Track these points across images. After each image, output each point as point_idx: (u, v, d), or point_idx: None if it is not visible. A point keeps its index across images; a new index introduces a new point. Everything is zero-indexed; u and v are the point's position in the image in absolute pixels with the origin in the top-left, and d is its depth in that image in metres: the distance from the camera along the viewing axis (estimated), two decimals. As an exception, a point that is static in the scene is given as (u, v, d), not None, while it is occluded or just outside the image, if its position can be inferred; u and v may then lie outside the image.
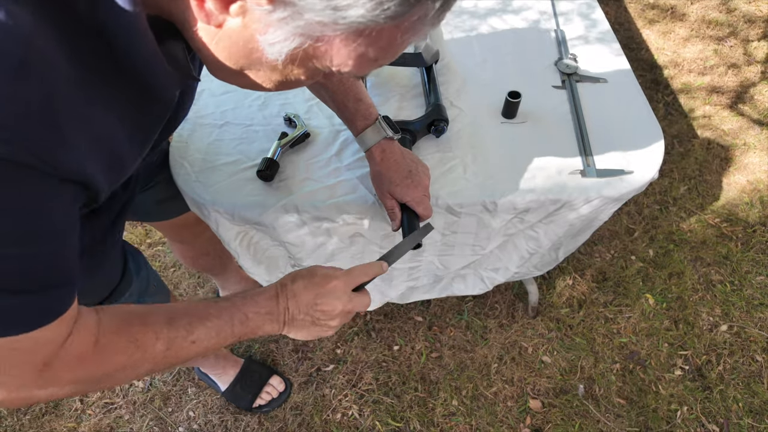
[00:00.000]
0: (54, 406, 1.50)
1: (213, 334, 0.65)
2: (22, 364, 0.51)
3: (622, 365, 1.54)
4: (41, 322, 0.50)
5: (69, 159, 0.44)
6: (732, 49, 2.44)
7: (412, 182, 0.90)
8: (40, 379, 0.53)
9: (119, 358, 0.58)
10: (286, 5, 0.39)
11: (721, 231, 1.84)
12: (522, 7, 1.40)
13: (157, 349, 0.60)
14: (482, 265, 1.22)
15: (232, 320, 0.67)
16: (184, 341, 0.62)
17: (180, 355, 0.63)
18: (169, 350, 0.61)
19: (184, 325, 0.63)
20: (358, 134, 0.94)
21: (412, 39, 0.45)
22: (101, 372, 0.58)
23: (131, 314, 0.61)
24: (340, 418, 1.47)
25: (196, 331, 0.63)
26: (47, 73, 0.41)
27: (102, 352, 0.57)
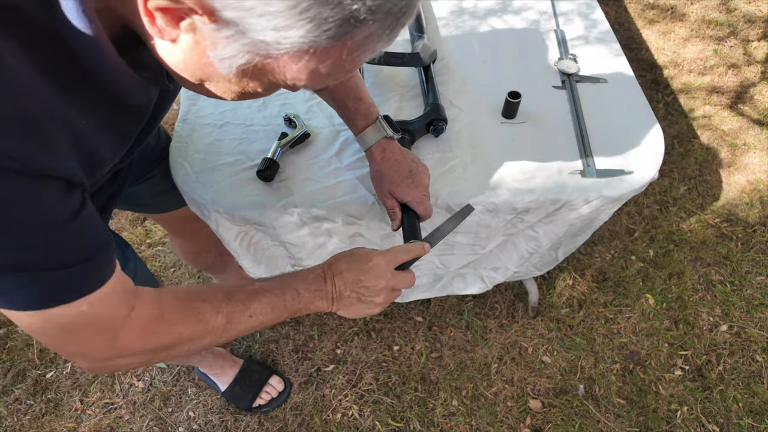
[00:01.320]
0: (54, 407, 1.50)
1: (268, 309, 0.69)
2: (93, 334, 0.57)
3: (622, 365, 1.54)
4: (89, 288, 0.55)
5: (48, 161, 0.47)
6: (732, 49, 2.44)
7: (412, 182, 0.90)
8: (114, 349, 0.59)
9: (184, 329, 0.63)
10: (229, 25, 0.40)
11: (721, 231, 1.84)
12: (522, 7, 1.40)
13: (218, 322, 0.65)
14: (482, 264, 1.22)
15: (285, 296, 0.71)
16: (242, 315, 0.67)
17: (238, 328, 0.68)
18: (228, 323, 0.66)
19: (241, 300, 0.68)
20: (358, 133, 0.94)
21: (365, 55, 0.45)
22: (168, 342, 0.63)
23: (189, 292, 0.67)
24: (340, 419, 1.47)
25: (252, 306, 0.68)
26: (19, 85, 0.44)
27: (168, 324, 0.63)
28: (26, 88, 0.44)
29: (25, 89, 0.44)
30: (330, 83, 0.50)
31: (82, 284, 0.55)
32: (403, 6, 0.41)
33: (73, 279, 0.54)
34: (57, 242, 0.51)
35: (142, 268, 1.05)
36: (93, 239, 0.56)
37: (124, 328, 0.59)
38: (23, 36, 0.43)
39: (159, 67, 0.53)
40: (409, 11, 0.43)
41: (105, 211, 0.87)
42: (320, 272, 0.75)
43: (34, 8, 0.43)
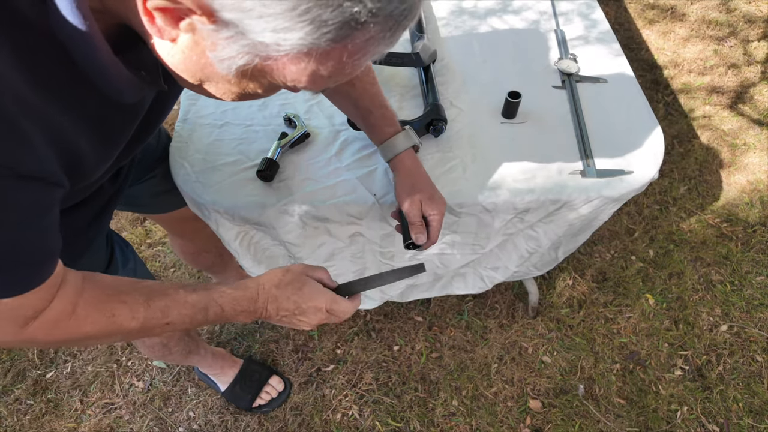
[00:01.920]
0: (54, 407, 1.50)
1: (187, 320, 0.69)
2: (3, 324, 0.56)
3: (622, 365, 1.54)
4: (20, 290, 0.54)
5: (26, 160, 0.47)
6: (732, 49, 2.44)
7: (439, 197, 0.91)
8: (17, 336, 0.59)
9: (92, 328, 0.62)
10: (228, 26, 0.40)
11: (721, 231, 1.84)
12: (522, 8, 1.40)
13: (131, 326, 0.65)
14: (482, 264, 1.22)
15: (207, 311, 0.70)
16: (159, 322, 0.67)
17: (152, 333, 0.68)
18: (141, 330, 0.66)
19: (160, 308, 0.66)
20: (384, 140, 0.93)
21: (365, 58, 0.45)
22: (73, 338, 0.63)
23: (112, 289, 0.65)
24: (340, 419, 1.47)
25: (171, 315, 0.67)
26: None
27: (77, 320, 0.61)
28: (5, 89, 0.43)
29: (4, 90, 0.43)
30: (330, 85, 0.50)
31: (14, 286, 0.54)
32: (404, 9, 0.41)
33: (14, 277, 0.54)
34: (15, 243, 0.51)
35: (142, 268, 1.05)
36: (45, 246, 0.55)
37: (35, 319, 0.58)
38: (8, 30, 0.43)
39: (156, 66, 0.53)
40: (411, 14, 0.43)
41: (105, 212, 0.87)
42: (254, 294, 0.74)
43: (25, 3, 0.43)
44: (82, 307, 0.62)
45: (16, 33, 0.43)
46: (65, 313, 0.60)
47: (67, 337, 0.62)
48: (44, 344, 0.63)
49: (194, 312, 0.69)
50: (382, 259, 1.16)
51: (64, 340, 0.63)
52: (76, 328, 0.62)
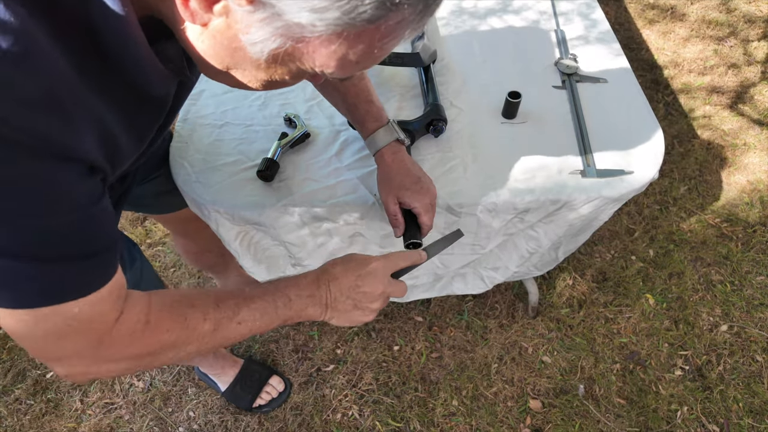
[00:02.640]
0: (54, 407, 1.50)
1: (257, 315, 0.67)
2: (79, 339, 0.54)
3: (622, 365, 1.54)
4: (90, 288, 0.53)
5: (71, 142, 0.46)
6: (732, 49, 2.44)
7: (421, 188, 0.89)
8: (96, 355, 0.56)
9: (169, 336, 0.60)
10: (265, 6, 0.40)
11: (722, 231, 1.84)
12: (522, 7, 1.40)
13: (205, 329, 0.63)
14: (482, 264, 1.22)
15: (276, 302, 0.69)
16: (230, 322, 0.65)
17: (227, 335, 0.65)
18: (215, 330, 0.64)
19: (230, 307, 0.65)
20: (368, 135, 0.93)
21: (393, 42, 0.45)
22: (152, 348, 0.60)
23: (180, 296, 0.64)
24: (340, 419, 1.47)
25: (242, 312, 0.66)
26: (48, 65, 0.42)
27: (153, 329, 0.60)
28: (57, 72, 0.43)
29: (56, 73, 0.43)
30: (356, 72, 0.50)
31: (84, 284, 0.53)
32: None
33: (76, 276, 0.52)
34: (68, 229, 0.49)
35: (148, 268, 1.05)
36: (104, 234, 0.54)
37: (110, 333, 0.56)
38: (55, 19, 0.43)
39: (180, 58, 0.53)
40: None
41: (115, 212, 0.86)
42: (314, 278, 0.73)
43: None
44: (154, 314, 0.60)
45: (56, 18, 0.43)
46: (139, 322, 0.59)
47: (146, 349, 0.60)
48: (124, 362, 0.60)
49: (263, 306, 0.68)
50: (382, 259, 1.16)
51: (143, 354, 0.60)
52: (152, 338, 0.60)
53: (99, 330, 0.55)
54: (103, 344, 0.56)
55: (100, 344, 0.56)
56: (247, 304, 0.67)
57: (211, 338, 0.64)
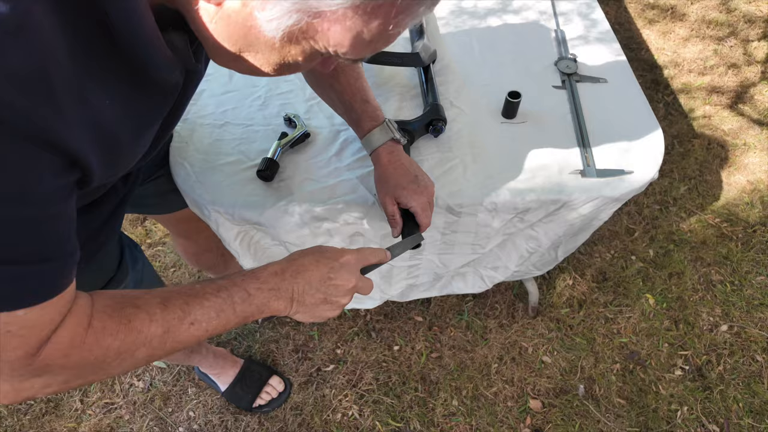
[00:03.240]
0: (54, 407, 1.50)
1: (213, 314, 0.61)
2: (14, 348, 0.48)
3: (622, 365, 1.54)
4: (41, 298, 0.48)
5: (55, 127, 0.43)
6: (732, 49, 2.44)
7: (418, 187, 0.89)
8: (32, 366, 0.50)
9: (113, 341, 0.54)
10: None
11: (722, 231, 1.84)
12: (522, 7, 1.40)
13: (152, 331, 0.57)
14: (482, 263, 1.22)
15: (232, 298, 0.63)
16: (182, 323, 0.59)
17: (179, 338, 0.59)
18: (166, 333, 0.58)
19: (179, 306, 0.59)
20: (364, 135, 0.93)
21: (408, 20, 0.45)
22: (95, 357, 0.54)
23: (123, 297, 0.58)
24: (340, 419, 1.47)
25: (194, 312, 0.60)
26: (42, 42, 0.41)
27: (95, 334, 0.54)
28: (53, 55, 0.41)
29: (52, 55, 0.41)
30: (368, 55, 0.50)
31: (37, 290, 0.48)
32: None
33: (30, 281, 0.47)
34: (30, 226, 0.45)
35: (149, 269, 1.05)
36: (66, 239, 0.50)
37: (50, 340, 0.50)
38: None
39: (187, 48, 0.52)
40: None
41: (118, 212, 0.85)
42: (277, 269, 0.68)
43: None
44: (97, 317, 0.54)
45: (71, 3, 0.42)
46: (80, 327, 0.53)
47: (87, 356, 0.53)
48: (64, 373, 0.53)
49: (218, 304, 0.61)
50: (382, 259, 1.16)
51: (85, 364, 0.54)
52: (94, 344, 0.53)
53: (39, 336, 0.49)
54: (42, 353, 0.50)
55: (37, 354, 0.50)
56: (199, 302, 0.61)
57: (160, 342, 0.58)
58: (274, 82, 1.19)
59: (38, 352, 0.50)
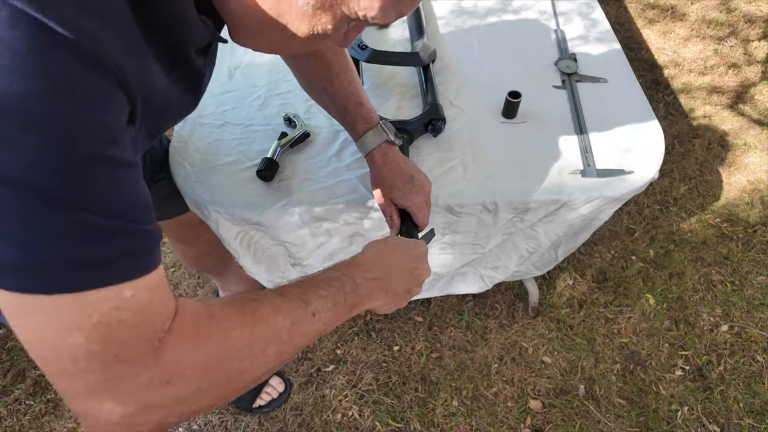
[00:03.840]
0: (54, 407, 1.50)
1: (329, 305, 0.57)
2: (133, 341, 0.40)
3: (622, 365, 1.54)
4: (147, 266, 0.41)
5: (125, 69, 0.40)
6: (732, 49, 2.44)
7: (413, 187, 0.88)
8: (159, 365, 0.41)
9: (241, 332, 0.47)
10: None
11: (722, 231, 1.83)
12: (522, 7, 1.40)
13: (279, 323, 0.51)
14: (482, 263, 1.22)
15: (344, 288, 0.60)
16: (305, 314, 0.54)
17: (304, 331, 0.54)
18: (293, 325, 0.52)
19: (298, 296, 0.55)
20: (358, 137, 0.93)
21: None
22: (225, 348, 0.46)
23: (236, 297, 0.53)
24: (340, 419, 1.47)
25: (313, 302, 0.55)
26: None
27: (221, 323, 0.47)
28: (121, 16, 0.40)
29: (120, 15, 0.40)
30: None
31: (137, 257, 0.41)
32: None
33: (127, 244, 0.40)
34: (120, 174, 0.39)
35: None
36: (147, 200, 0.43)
37: (171, 332, 0.42)
38: None
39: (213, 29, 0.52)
40: None
41: None
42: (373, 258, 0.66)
43: None
44: (218, 307, 0.48)
45: None
46: (201, 315, 0.46)
47: (218, 348, 0.46)
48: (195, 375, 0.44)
49: (333, 293, 0.58)
50: (382, 259, 1.16)
51: (217, 358, 0.46)
52: (223, 333, 0.46)
53: (157, 325, 0.41)
54: (165, 347, 0.42)
55: (160, 347, 0.41)
56: (315, 292, 0.56)
57: (289, 336, 0.52)
58: (274, 82, 1.19)
59: (162, 346, 0.42)
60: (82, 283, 0.37)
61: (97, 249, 0.38)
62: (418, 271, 0.71)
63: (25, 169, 0.34)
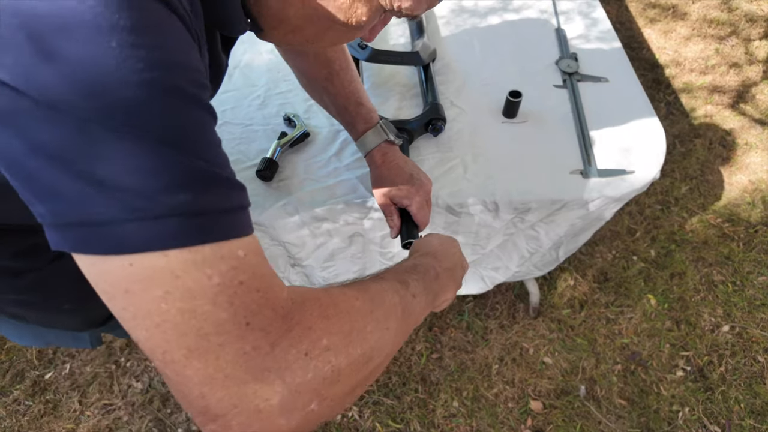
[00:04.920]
0: (53, 407, 1.49)
1: (421, 288, 0.55)
2: (259, 306, 0.35)
3: (623, 366, 1.54)
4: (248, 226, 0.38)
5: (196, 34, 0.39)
6: (733, 48, 2.44)
7: (413, 187, 0.88)
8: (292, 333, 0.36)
9: (362, 303, 0.44)
10: None
11: (723, 231, 1.83)
12: (523, 6, 1.39)
13: (390, 299, 0.48)
14: (482, 264, 1.22)
15: (428, 274, 0.58)
16: (407, 294, 0.51)
17: (411, 309, 0.50)
18: (402, 303, 0.49)
19: (395, 278, 0.52)
20: (358, 137, 0.93)
21: None
22: (353, 320, 0.42)
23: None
24: (339, 420, 1.46)
25: (411, 284, 0.53)
26: None
27: (338, 296, 0.43)
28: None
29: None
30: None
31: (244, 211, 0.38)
32: None
33: (234, 196, 0.37)
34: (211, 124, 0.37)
35: None
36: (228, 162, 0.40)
37: (292, 301, 0.38)
38: None
39: None
40: None
41: None
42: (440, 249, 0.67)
43: None
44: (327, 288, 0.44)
45: None
46: (314, 290, 0.42)
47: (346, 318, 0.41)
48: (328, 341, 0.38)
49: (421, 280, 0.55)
50: (382, 259, 1.16)
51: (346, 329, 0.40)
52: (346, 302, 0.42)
53: (276, 291, 0.37)
54: (293, 315, 0.37)
55: (289, 315, 0.37)
56: (408, 275, 0.54)
57: (403, 312, 0.48)
58: (273, 81, 1.18)
59: (288, 314, 0.37)
60: (197, 235, 0.33)
61: (210, 197, 0.34)
62: (465, 263, 0.72)
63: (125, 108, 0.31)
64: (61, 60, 0.29)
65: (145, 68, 0.31)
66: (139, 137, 0.31)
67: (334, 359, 0.38)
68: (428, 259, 0.63)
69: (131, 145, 0.31)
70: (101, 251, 0.32)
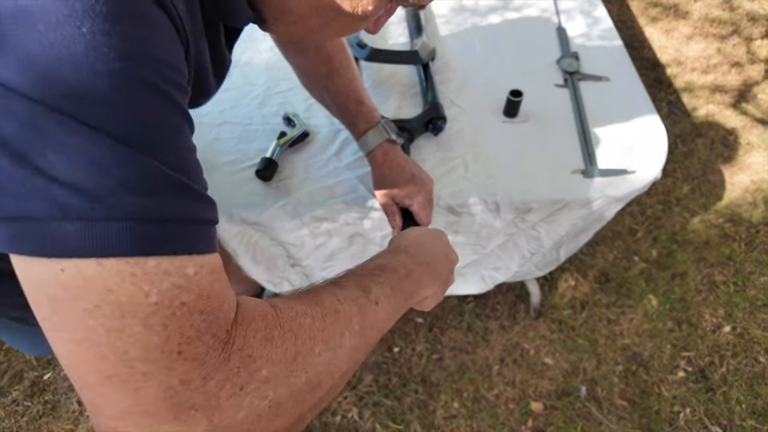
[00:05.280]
0: (52, 408, 1.49)
1: (388, 290, 0.51)
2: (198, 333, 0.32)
3: (624, 367, 1.53)
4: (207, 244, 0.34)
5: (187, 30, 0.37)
6: (735, 47, 2.43)
7: (415, 186, 0.88)
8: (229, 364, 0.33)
9: (312, 321, 0.40)
10: None
11: (725, 231, 1.82)
12: (523, 5, 1.38)
13: (347, 310, 0.44)
14: (483, 264, 1.21)
15: (398, 272, 0.55)
16: (368, 302, 0.47)
17: (372, 321, 0.47)
18: (361, 314, 0.46)
19: (355, 285, 0.49)
20: (359, 137, 0.92)
21: None
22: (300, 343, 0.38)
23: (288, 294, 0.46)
24: (339, 421, 1.46)
25: (373, 289, 0.49)
26: None
27: (287, 313, 0.39)
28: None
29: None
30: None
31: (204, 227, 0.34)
32: None
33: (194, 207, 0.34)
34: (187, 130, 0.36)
35: None
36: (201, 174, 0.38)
37: (237, 323, 0.35)
38: None
39: None
40: None
41: None
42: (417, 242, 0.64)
43: None
44: (280, 301, 0.42)
45: None
46: (263, 305, 0.39)
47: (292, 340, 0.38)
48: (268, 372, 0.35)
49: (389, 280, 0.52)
50: (382, 259, 1.15)
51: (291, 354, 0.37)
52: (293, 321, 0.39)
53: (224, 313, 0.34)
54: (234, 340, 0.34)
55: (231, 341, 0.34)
56: (371, 279, 0.51)
57: (360, 325, 0.45)
58: (273, 80, 1.18)
59: (230, 340, 0.34)
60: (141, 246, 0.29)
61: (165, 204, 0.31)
62: (452, 255, 0.68)
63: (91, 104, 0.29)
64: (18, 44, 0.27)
65: (116, 57, 0.29)
66: (94, 130, 0.29)
67: (273, 393, 0.35)
68: (399, 256, 0.58)
69: (84, 139, 0.28)
70: (31, 251, 0.28)
